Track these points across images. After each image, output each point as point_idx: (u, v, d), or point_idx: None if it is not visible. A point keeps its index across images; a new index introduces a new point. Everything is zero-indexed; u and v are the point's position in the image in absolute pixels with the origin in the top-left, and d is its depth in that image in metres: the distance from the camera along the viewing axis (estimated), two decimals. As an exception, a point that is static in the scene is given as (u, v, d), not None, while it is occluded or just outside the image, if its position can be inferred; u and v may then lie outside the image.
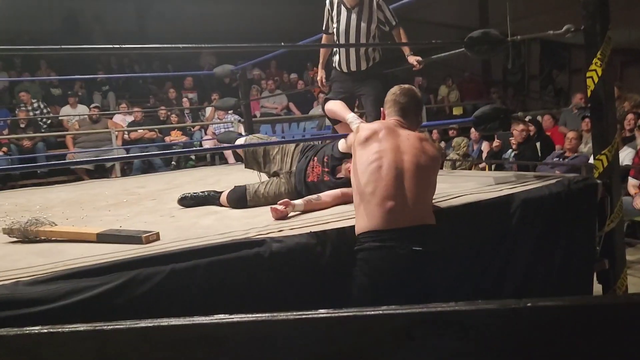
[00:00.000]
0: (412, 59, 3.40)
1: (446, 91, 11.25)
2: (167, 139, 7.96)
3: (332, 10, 3.45)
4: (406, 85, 2.28)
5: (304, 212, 2.51)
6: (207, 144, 8.04)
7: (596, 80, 2.81)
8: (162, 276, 1.71)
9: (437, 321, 0.77)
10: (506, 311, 0.81)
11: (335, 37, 3.47)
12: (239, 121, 7.66)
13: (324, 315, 0.76)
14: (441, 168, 5.58)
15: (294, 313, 0.77)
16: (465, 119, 4.88)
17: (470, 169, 6.44)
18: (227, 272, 1.84)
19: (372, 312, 0.74)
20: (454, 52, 3.45)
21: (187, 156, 7.90)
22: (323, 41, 3.65)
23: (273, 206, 2.43)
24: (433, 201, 2.17)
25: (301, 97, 9.65)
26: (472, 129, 7.43)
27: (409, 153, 2.01)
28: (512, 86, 11.80)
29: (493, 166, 6.02)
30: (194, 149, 7.56)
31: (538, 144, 6.20)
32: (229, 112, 8.00)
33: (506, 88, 11.85)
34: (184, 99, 9.06)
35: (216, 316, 0.82)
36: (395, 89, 2.23)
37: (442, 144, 7.68)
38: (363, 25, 3.36)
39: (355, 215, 2.03)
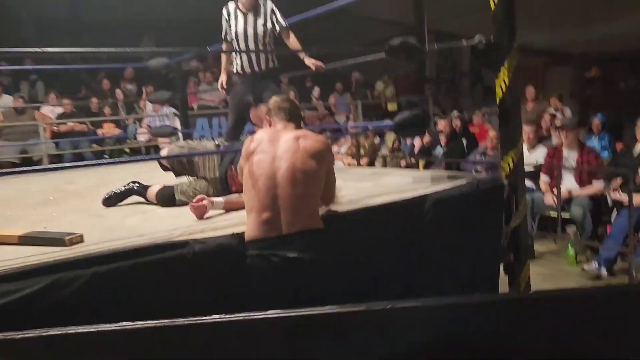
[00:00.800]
0: (309, 62, 3.68)
1: (382, 87, 11.54)
2: (99, 131, 7.77)
3: (229, 18, 3.81)
4: (283, 95, 2.54)
5: (226, 211, 2.60)
6: (141, 138, 7.91)
7: (504, 88, 3.06)
8: (84, 280, 1.76)
9: (310, 324, 0.91)
10: (372, 312, 0.96)
11: (234, 42, 3.80)
12: (175, 114, 7.60)
13: (215, 320, 0.88)
14: (358, 163, 5.79)
15: (188, 319, 0.89)
16: (387, 123, 5.10)
17: (402, 165, 6.70)
18: (150, 275, 1.91)
19: (252, 317, 0.87)
20: (376, 58, 3.62)
21: (120, 150, 7.75)
22: (224, 48, 3.99)
23: (191, 204, 2.52)
24: (347, 199, 2.32)
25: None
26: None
27: (285, 159, 2.08)
28: (445, 83, 12.27)
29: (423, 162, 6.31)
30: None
31: (464, 141, 6.56)
32: (165, 105, 7.90)
33: (439, 85, 12.30)
34: (117, 90, 8.84)
35: (122, 323, 0.92)
36: (275, 99, 2.39)
37: (377, 140, 7.92)
38: (259, 27, 3.74)
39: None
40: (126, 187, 3.04)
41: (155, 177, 4.09)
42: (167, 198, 2.88)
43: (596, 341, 0.90)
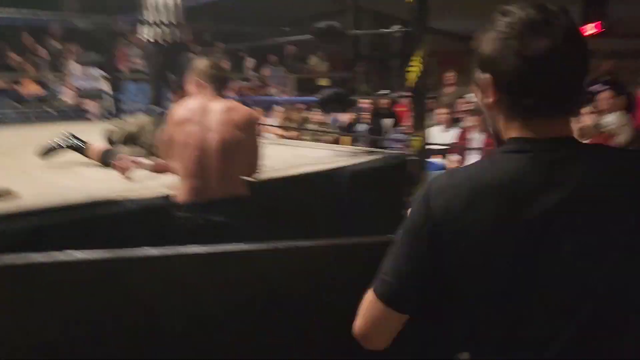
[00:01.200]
0: None
1: (316, 61, 11.75)
2: (21, 90, 7.48)
3: None
4: (211, 58, 2.59)
5: (156, 173, 2.76)
6: (66, 98, 7.71)
7: (416, 75, 3.40)
8: (17, 234, 1.90)
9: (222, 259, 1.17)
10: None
11: (147, 10, 3.98)
12: (104, 77, 7.46)
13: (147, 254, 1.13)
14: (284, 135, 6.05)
15: (125, 251, 1.12)
16: (311, 97, 5.38)
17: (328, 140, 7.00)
18: (83, 231, 2.08)
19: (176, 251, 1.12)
20: (305, 39, 3.84)
21: (45, 111, 7.52)
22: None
23: (114, 162, 2.65)
24: (271, 168, 2.53)
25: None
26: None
27: (215, 131, 2.23)
28: (377, 62, 12.65)
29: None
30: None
31: (390, 119, 6.94)
32: (94, 66, 7.73)
33: (372, 63, 12.67)
34: (39, 47, 8.46)
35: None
36: (204, 61, 2.40)
37: (306, 114, 8.16)
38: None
39: None
40: (66, 142, 3.08)
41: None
42: (113, 159, 2.93)
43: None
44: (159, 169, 2.77)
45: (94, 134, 3.41)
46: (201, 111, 2.27)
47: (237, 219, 2.21)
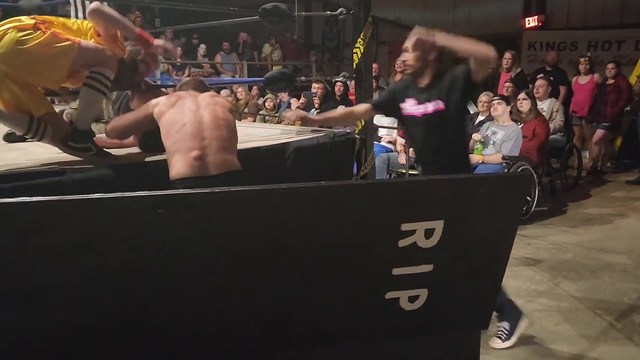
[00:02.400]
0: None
1: (270, 50, 11.78)
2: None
3: None
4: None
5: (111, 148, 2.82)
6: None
7: (360, 55, 3.55)
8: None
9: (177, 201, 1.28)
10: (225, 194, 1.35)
11: None
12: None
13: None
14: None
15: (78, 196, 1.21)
16: (258, 78, 5.48)
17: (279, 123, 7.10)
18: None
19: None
20: (253, 20, 3.90)
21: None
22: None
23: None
24: None
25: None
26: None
27: (208, 110, 2.37)
28: (329, 51, 12.80)
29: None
30: None
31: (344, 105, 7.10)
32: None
33: (324, 52, 12.81)
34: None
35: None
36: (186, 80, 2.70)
37: (260, 100, 8.24)
38: None
39: (169, 165, 2.32)
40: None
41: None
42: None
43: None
44: (104, 145, 2.83)
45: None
46: (190, 97, 2.42)
47: None
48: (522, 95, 5.33)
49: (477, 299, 1.76)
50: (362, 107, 3.10)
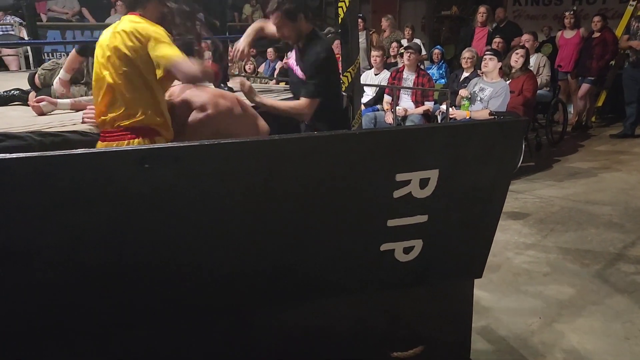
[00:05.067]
0: None
1: (250, 10, 11.48)
2: None
3: None
4: None
5: (75, 111, 2.75)
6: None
7: (344, 10, 3.44)
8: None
9: (160, 155, 1.23)
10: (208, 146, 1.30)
11: None
12: (21, 24, 7.01)
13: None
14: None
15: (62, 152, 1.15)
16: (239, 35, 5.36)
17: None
18: None
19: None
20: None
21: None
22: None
23: (30, 102, 2.70)
24: None
25: (96, 3, 9.03)
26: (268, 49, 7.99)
27: None
28: (311, 10, 12.52)
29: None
30: None
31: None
32: (8, 13, 7.23)
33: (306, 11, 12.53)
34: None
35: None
36: None
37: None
38: None
39: None
40: (6, 93, 3.06)
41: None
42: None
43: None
44: (78, 107, 2.77)
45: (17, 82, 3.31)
46: None
47: None
48: (520, 51, 5.24)
49: (471, 249, 1.75)
50: (303, 103, 2.87)
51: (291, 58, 3.06)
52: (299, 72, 2.94)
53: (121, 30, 2.06)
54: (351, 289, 1.70)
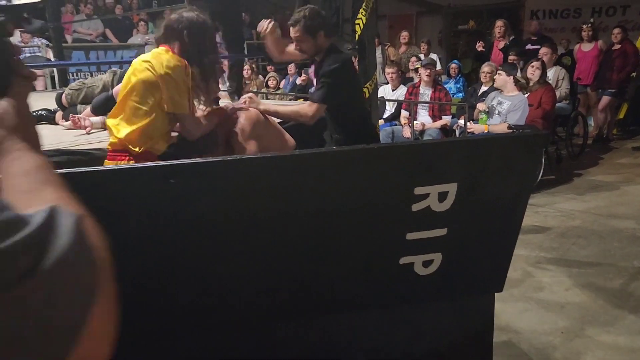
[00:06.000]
0: None
1: (268, 28, 11.64)
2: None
3: None
4: None
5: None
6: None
7: (362, 27, 3.50)
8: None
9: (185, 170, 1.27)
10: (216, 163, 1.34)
11: None
12: (47, 46, 7.23)
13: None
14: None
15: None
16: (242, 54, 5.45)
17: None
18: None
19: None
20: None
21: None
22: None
23: (72, 116, 2.83)
24: None
25: (119, 24, 9.28)
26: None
27: None
28: (330, 27, 12.65)
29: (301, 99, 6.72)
30: None
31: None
32: (35, 35, 7.46)
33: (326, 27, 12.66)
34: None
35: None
36: None
37: (260, 78, 8.21)
38: None
39: None
40: (37, 113, 3.20)
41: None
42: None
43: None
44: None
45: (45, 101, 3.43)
46: None
47: None
48: (536, 63, 5.25)
49: (491, 263, 1.75)
50: (310, 106, 2.83)
51: (312, 72, 3.16)
52: (315, 83, 2.99)
53: (145, 59, 2.14)
54: (371, 303, 1.71)
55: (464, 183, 1.53)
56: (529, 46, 6.36)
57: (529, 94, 5.14)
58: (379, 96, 5.25)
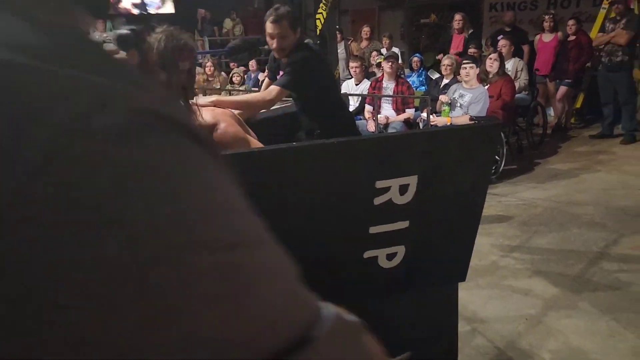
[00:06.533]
0: None
1: (231, 24, 11.54)
2: None
3: None
4: None
5: None
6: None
7: (322, 21, 3.49)
8: None
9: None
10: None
11: None
12: None
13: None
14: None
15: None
16: (219, 49, 5.40)
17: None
18: None
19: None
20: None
21: None
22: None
23: None
24: None
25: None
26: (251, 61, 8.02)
27: None
28: (291, 23, 12.60)
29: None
30: None
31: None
32: None
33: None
34: None
35: None
36: None
37: (223, 74, 8.11)
38: None
39: None
40: None
41: None
42: None
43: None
44: None
45: None
46: None
47: None
48: (493, 55, 5.34)
49: (453, 253, 1.77)
50: (272, 89, 2.80)
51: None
52: None
53: None
54: (336, 298, 1.70)
55: (425, 175, 1.54)
56: (500, 37, 6.45)
57: (488, 85, 5.23)
58: (342, 91, 5.26)
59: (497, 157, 4.80)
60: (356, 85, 5.84)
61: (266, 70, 3.38)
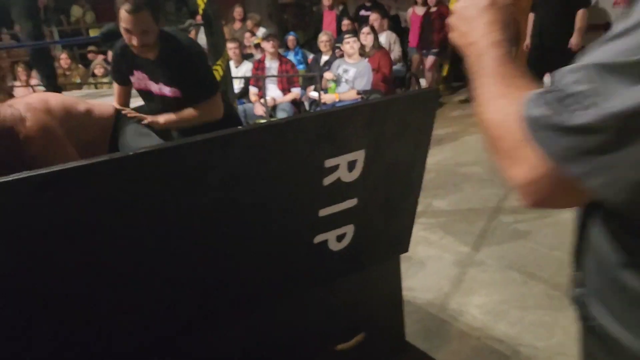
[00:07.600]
0: None
1: (80, 12, 10.52)
2: None
3: None
4: None
5: None
6: None
7: (204, 2, 3.24)
8: None
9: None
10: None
11: None
12: None
13: None
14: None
15: None
16: (94, 37, 4.87)
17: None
18: None
19: None
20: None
21: None
22: None
23: None
24: None
25: None
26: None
27: None
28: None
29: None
30: None
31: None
32: None
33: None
34: None
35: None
36: None
37: (81, 67, 7.39)
38: None
39: None
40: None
41: None
42: None
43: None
44: None
45: None
46: None
47: None
48: (365, 29, 5.44)
49: (398, 224, 1.74)
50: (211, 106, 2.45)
51: (137, 79, 2.44)
52: (165, 89, 2.38)
53: None
54: (289, 288, 1.58)
55: (370, 149, 1.47)
56: (362, 12, 6.58)
57: (367, 59, 5.33)
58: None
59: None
60: (236, 67, 5.62)
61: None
